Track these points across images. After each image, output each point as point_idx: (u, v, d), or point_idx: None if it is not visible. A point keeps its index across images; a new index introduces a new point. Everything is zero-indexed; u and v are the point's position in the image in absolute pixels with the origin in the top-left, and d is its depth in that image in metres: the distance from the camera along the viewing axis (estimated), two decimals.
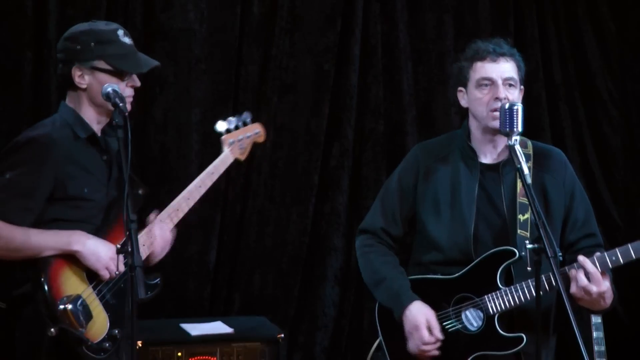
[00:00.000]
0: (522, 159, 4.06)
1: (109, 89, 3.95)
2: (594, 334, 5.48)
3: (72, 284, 4.03)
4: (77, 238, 4.03)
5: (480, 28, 6.72)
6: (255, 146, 4.82)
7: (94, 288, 4.07)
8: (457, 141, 4.57)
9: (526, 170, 4.03)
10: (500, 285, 4.35)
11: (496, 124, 4.26)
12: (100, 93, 4.03)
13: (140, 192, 4.20)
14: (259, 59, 6.39)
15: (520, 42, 6.79)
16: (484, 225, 4.43)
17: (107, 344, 4.04)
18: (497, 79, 4.41)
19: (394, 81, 6.61)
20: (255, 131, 4.76)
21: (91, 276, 4.08)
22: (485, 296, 4.36)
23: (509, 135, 4.13)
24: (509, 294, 4.32)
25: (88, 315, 4.01)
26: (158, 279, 4.33)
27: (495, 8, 6.80)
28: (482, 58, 4.46)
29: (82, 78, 4.09)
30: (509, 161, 4.36)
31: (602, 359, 5.46)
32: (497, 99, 4.37)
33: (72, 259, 4.04)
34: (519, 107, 4.17)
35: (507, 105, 4.18)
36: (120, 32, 4.16)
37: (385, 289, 4.52)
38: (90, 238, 4.05)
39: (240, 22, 6.34)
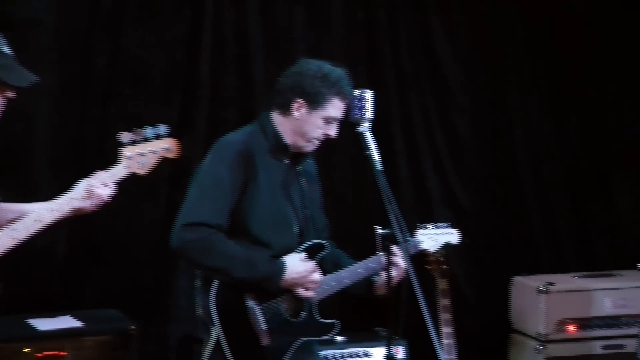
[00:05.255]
0: (372, 145, 4.10)
1: None
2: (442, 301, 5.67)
3: None
4: None
5: (332, 18, 6.75)
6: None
7: None
8: (266, 140, 4.47)
9: (376, 157, 4.08)
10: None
11: (310, 149, 4.44)
12: None
13: None
14: (109, 50, 6.31)
15: (371, 32, 6.85)
16: (300, 221, 4.50)
17: None
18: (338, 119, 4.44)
19: (246, 71, 6.59)
20: (164, 146, 4.28)
21: None
22: None
23: (359, 122, 4.16)
24: (325, 284, 4.47)
25: None
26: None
27: None
28: (343, 97, 4.37)
29: None
30: (299, 157, 4.52)
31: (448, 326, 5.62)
32: (327, 135, 4.42)
33: None
34: (369, 94, 4.20)
35: (357, 92, 4.20)
36: (2, 41, 4.02)
37: (259, 261, 4.33)
38: None
39: (89, 11, 6.25)
